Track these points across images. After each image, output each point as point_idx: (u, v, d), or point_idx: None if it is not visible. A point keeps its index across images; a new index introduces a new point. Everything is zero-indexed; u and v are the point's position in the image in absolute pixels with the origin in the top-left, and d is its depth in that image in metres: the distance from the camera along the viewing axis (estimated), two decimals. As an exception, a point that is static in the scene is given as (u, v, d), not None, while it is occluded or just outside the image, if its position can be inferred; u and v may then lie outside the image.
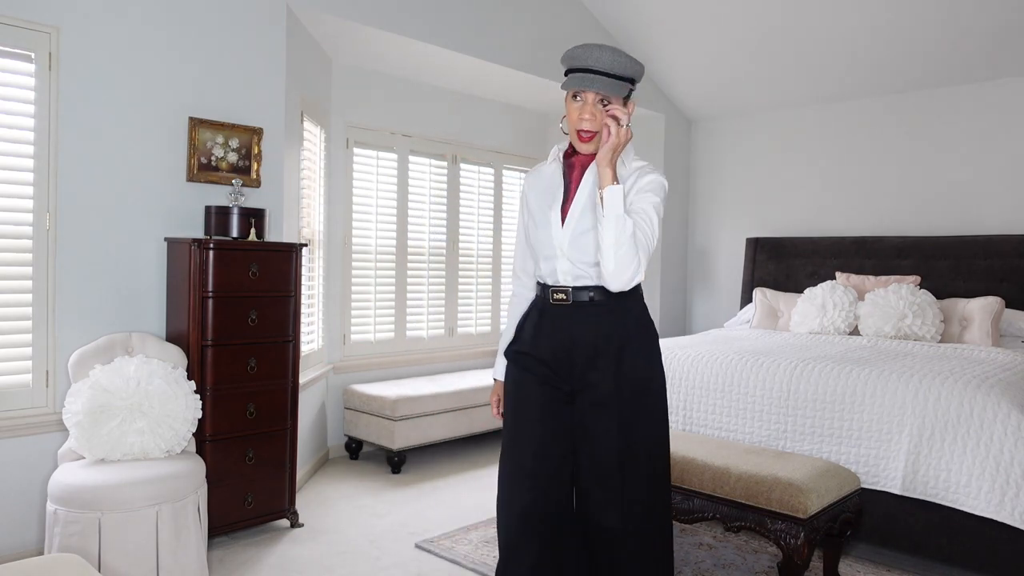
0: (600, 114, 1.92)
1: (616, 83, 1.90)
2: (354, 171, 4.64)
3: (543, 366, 2.00)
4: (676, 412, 3.61)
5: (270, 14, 3.55)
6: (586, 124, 1.93)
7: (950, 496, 2.82)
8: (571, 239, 1.96)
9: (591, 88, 1.89)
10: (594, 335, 1.95)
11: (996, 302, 4.15)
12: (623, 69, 1.90)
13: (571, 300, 1.97)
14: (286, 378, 3.28)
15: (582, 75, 1.90)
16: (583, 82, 1.89)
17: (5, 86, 2.83)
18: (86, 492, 2.50)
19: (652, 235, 1.89)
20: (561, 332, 1.98)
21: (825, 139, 5.38)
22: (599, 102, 1.92)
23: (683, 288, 6.15)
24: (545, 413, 1.99)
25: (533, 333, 2.03)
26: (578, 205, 1.98)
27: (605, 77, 1.89)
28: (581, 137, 1.95)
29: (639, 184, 1.96)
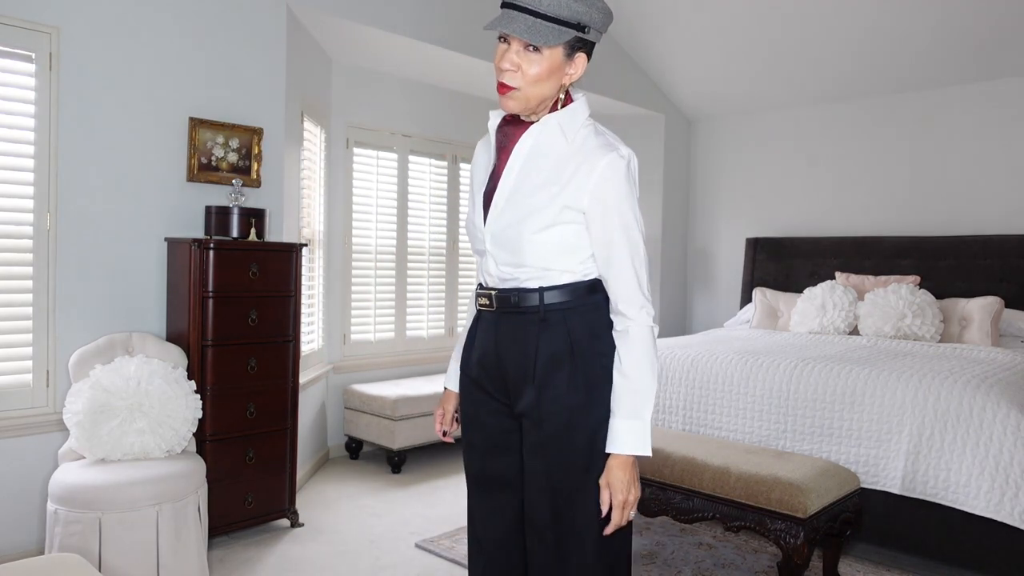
0: (527, 65, 1.44)
1: (547, 26, 1.41)
2: (354, 171, 4.64)
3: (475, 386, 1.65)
4: (676, 412, 3.62)
5: (270, 14, 3.55)
6: (506, 77, 1.46)
7: (950, 496, 2.82)
8: (493, 233, 1.54)
9: (513, 31, 1.41)
10: (518, 350, 1.54)
11: (996, 302, 4.16)
12: (557, 8, 1.40)
13: (495, 307, 1.57)
14: (286, 378, 3.28)
15: (504, 12, 1.44)
16: (504, 21, 1.42)
17: (5, 86, 2.83)
18: (86, 492, 2.50)
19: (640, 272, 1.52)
20: (488, 343, 1.59)
21: (825, 139, 5.38)
22: (528, 48, 1.44)
23: (683, 288, 6.15)
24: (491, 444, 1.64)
25: (467, 346, 1.69)
26: (503, 192, 1.54)
27: (531, 16, 1.41)
28: (499, 89, 1.49)
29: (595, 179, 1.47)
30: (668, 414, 3.63)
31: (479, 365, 1.62)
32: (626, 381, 1.50)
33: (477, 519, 1.68)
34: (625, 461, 1.49)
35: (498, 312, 1.57)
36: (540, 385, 1.52)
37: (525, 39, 1.42)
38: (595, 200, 1.48)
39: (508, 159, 1.56)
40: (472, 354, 1.65)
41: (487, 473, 1.65)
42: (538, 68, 1.46)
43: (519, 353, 1.54)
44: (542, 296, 1.52)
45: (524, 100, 1.49)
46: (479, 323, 1.64)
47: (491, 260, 1.56)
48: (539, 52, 1.45)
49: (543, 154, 1.54)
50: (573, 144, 1.52)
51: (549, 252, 1.50)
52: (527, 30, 1.41)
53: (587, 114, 1.56)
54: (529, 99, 1.49)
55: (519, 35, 1.41)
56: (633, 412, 1.48)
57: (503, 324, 1.57)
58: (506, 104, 1.50)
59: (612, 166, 1.48)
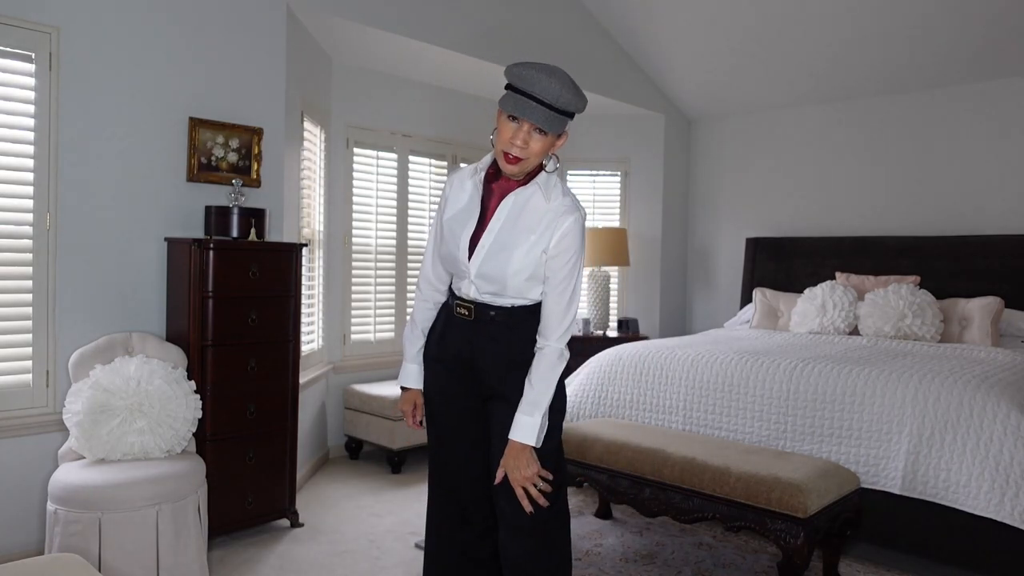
0: (534, 143, 1.83)
1: (557, 118, 1.80)
2: (354, 171, 4.64)
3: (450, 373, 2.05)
4: (676, 412, 3.61)
5: (270, 14, 3.55)
6: (516, 150, 1.83)
7: (950, 496, 2.82)
8: (478, 271, 1.92)
9: (531, 119, 1.78)
10: (492, 351, 1.97)
11: (996, 302, 4.16)
12: (567, 104, 1.79)
13: (473, 316, 1.97)
14: (286, 378, 3.28)
15: (525, 101, 1.78)
16: (524, 110, 1.78)
17: (5, 86, 2.83)
18: (86, 492, 2.50)
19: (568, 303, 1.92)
20: (462, 342, 2.00)
21: (825, 139, 5.38)
22: (536, 131, 1.82)
23: (683, 288, 6.15)
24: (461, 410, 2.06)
25: (439, 338, 2.06)
26: (487, 240, 1.92)
27: (548, 110, 1.78)
28: (507, 159, 1.85)
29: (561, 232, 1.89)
30: (668, 414, 3.63)
31: (455, 358, 2.02)
32: (531, 387, 1.90)
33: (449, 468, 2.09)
34: (519, 447, 1.89)
35: (475, 320, 1.97)
36: (513, 370, 1.95)
37: (545, 128, 1.79)
38: (558, 247, 1.90)
39: (495, 210, 1.94)
40: (446, 349, 2.03)
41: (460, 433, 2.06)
42: (541, 146, 1.84)
43: (495, 349, 1.97)
44: (513, 311, 1.96)
45: (524, 168, 1.88)
46: (450, 324, 2.04)
47: (472, 286, 1.94)
48: (545, 136, 1.83)
49: (526, 209, 1.93)
50: (550, 203, 1.92)
51: (523, 284, 1.92)
52: (545, 121, 1.79)
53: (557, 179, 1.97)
54: (528, 167, 1.88)
55: (540, 124, 1.78)
56: (529, 411, 1.89)
57: (479, 327, 1.97)
58: (511, 170, 1.87)
59: (575, 224, 1.91)
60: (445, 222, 2.01)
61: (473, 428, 2.05)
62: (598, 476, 3.07)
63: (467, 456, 2.07)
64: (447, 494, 2.11)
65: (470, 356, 1.99)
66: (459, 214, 1.99)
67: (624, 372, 3.85)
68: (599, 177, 5.98)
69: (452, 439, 2.08)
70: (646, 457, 2.91)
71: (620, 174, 5.97)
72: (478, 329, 1.97)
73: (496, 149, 1.88)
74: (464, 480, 2.08)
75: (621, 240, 5.55)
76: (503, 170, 1.89)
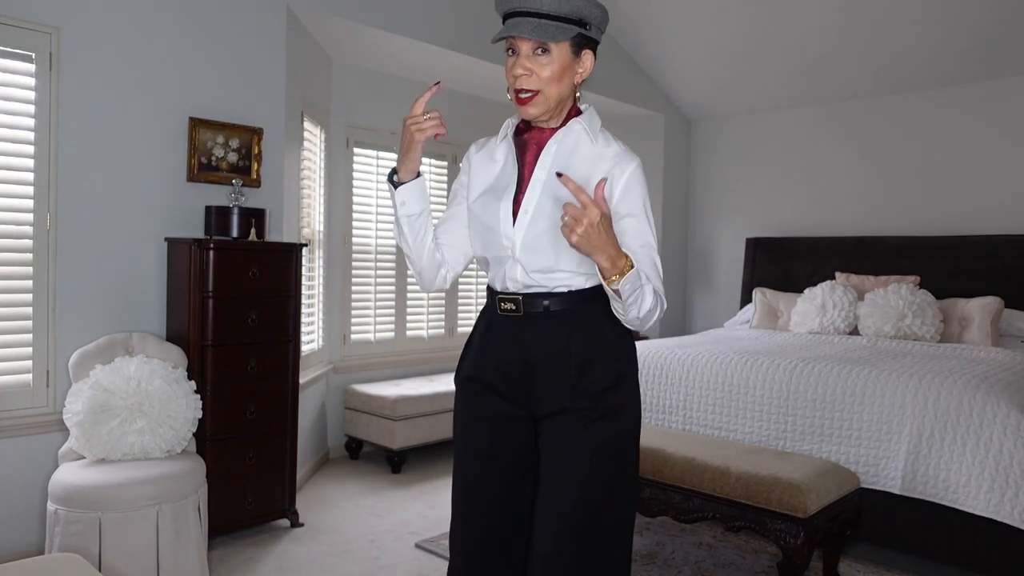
0: (541, 68, 1.50)
1: (552, 25, 1.48)
2: (354, 171, 4.64)
3: (490, 392, 1.62)
4: (676, 412, 3.61)
5: (270, 14, 3.55)
6: (523, 81, 1.51)
7: (950, 496, 2.82)
8: (524, 241, 1.55)
9: (520, 34, 1.48)
10: (549, 351, 1.55)
11: (996, 302, 4.16)
12: (557, 6, 1.48)
13: (522, 311, 1.57)
14: (286, 378, 3.28)
15: (510, 21, 1.51)
16: (509, 28, 1.50)
17: (5, 86, 2.83)
18: (86, 492, 2.50)
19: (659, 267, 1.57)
20: (510, 348, 1.59)
21: (825, 139, 5.38)
22: (537, 51, 1.51)
23: (683, 288, 6.15)
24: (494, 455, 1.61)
25: (478, 350, 1.65)
26: (532, 198, 1.56)
27: (535, 18, 1.48)
28: (520, 99, 1.54)
29: (625, 181, 1.56)
30: (668, 414, 3.63)
31: (497, 370, 1.60)
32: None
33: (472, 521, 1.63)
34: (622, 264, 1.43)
35: (524, 316, 1.57)
36: (574, 383, 1.54)
37: (535, 37, 1.48)
38: (625, 200, 1.56)
39: (534, 166, 1.60)
40: (485, 359, 1.62)
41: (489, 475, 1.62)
42: (551, 68, 1.52)
43: (552, 355, 1.55)
44: (570, 298, 1.56)
45: (544, 102, 1.54)
46: (491, 331, 1.62)
47: (518, 267, 1.56)
48: (548, 54, 1.51)
49: (574, 156, 1.59)
50: (598, 146, 1.59)
51: (581, 256, 1.50)
52: (534, 29, 1.48)
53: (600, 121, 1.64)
54: (549, 100, 1.54)
55: (527, 35, 1.47)
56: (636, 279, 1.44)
57: (532, 324, 1.57)
58: (528, 111, 1.55)
59: (638, 171, 1.58)
60: (474, 204, 1.65)
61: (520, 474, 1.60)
62: (598, 476, 3.06)
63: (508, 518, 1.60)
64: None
65: (522, 360, 1.57)
66: (492, 182, 1.64)
67: (624, 372, 3.84)
68: (599, 177, 5.97)
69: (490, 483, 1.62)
70: (646, 457, 2.91)
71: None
72: (530, 326, 1.57)
73: (511, 98, 1.57)
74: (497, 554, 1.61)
75: (621, 240, 5.54)
76: (522, 115, 1.58)
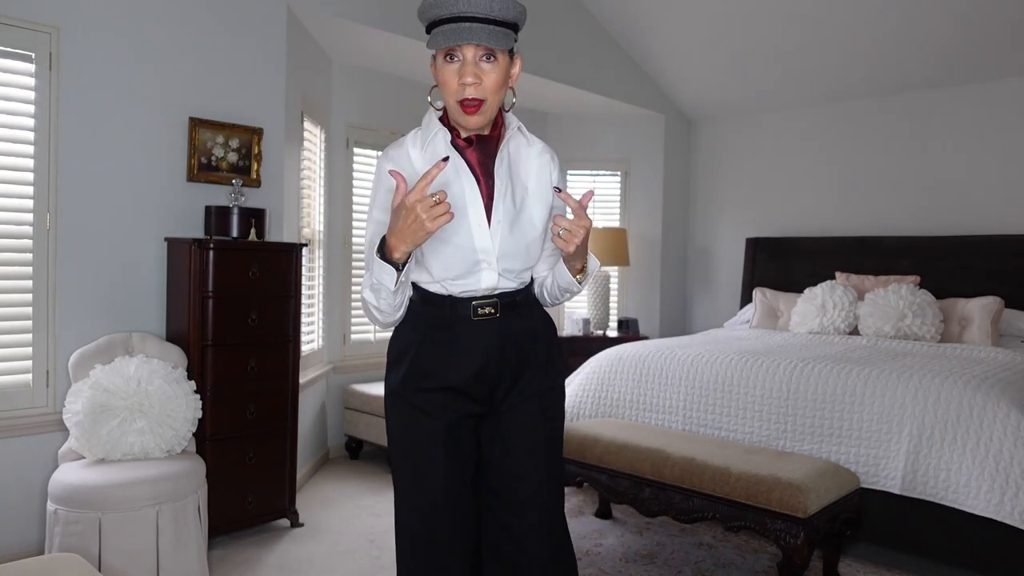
0: (488, 76, 1.48)
1: (502, 32, 1.47)
2: (354, 171, 4.64)
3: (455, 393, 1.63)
4: (676, 412, 3.61)
5: (270, 14, 3.55)
6: (471, 91, 1.48)
7: (950, 496, 2.82)
8: (502, 250, 1.57)
9: (472, 41, 1.44)
10: (522, 344, 1.65)
11: (996, 302, 4.16)
12: (505, 11, 1.46)
13: (499, 312, 1.61)
14: (286, 378, 3.28)
15: (455, 26, 1.45)
16: (458, 35, 1.44)
17: (5, 86, 2.83)
18: (86, 492, 2.50)
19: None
20: (488, 351, 1.61)
21: (825, 139, 5.38)
22: (482, 58, 1.48)
23: (683, 288, 6.15)
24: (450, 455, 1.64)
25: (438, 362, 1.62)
26: (500, 208, 1.58)
27: (488, 24, 1.45)
28: (466, 108, 1.49)
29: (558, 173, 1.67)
30: (668, 414, 3.63)
31: (471, 378, 1.61)
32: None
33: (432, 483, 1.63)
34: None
35: (502, 316, 1.62)
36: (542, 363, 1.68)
37: (490, 44, 1.45)
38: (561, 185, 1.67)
39: (486, 175, 1.59)
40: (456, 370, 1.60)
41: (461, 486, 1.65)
42: (496, 75, 1.50)
43: (524, 345, 1.65)
44: (529, 290, 1.70)
45: (489, 111, 1.53)
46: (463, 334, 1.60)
47: (492, 274, 1.58)
48: (494, 61, 1.49)
49: (520, 163, 1.64)
50: (534, 146, 1.67)
51: (540, 244, 1.66)
52: (490, 37, 1.45)
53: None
54: (492, 109, 1.53)
55: (482, 41, 1.44)
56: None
57: (508, 322, 1.63)
58: (474, 121, 1.52)
59: (556, 157, 1.69)
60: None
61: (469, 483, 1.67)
62: (598, 476, 3.07)
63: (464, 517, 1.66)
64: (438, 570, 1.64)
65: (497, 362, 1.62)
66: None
67: (624, 372, 3.85)
68: (599, 177, 5.98)
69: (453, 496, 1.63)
70: (646, 457, 2.91)
71: (620, 174, 5.96)
72: (507, 325, 1.62)
73: (448, 106, 1.53)
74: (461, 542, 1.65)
75: (621, 240, 5.55)
76: (464, 125, 1.54)
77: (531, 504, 1.64)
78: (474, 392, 1.63)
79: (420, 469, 1.63)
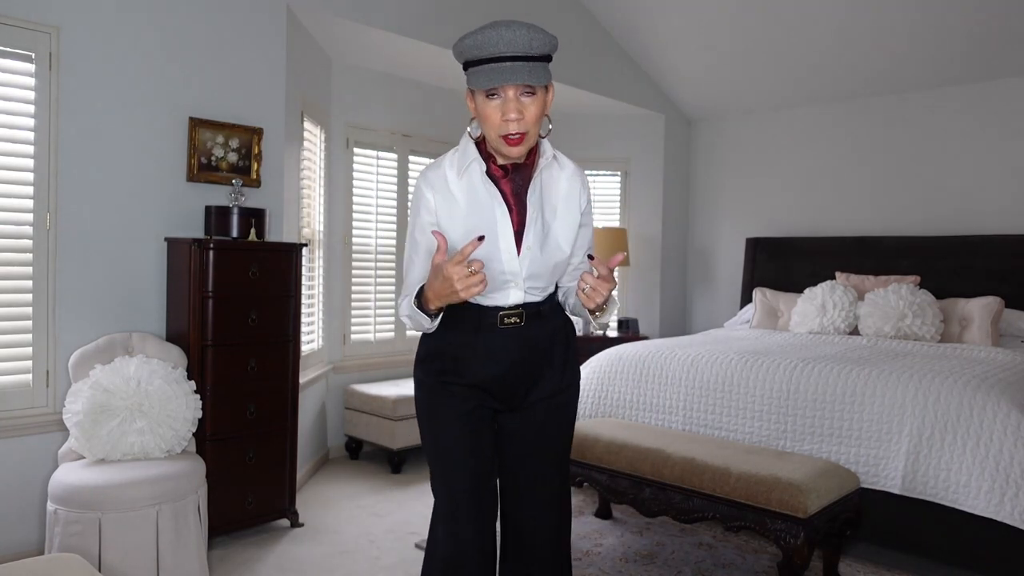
0: (528, 109, 1.56)
1: (540, 67, 1.56)
2: (354, 171, 4.64)
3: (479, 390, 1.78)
4: (676, 412, 3.61)
5: (270, 14, 3.55)
6: (514, 126, 1.57)
7: (950, 496, 2.82)
8: (529, 271, 1.70)
9: (515, 82, 1.53)
10: (543, 349, 1.79)
11: (996, 302, 4.16)
12: (542, 46, 1.54)
13: (524, 321, 1.75)
14: (286, 378, 3.28)
15: (496, 66, 1.53)
16: (501, 75, 1.53)
17: (5, 86, 2.83)
18: (86, 492, 2.50)
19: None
20: (513, 353, 1.74)
21: (825, 139, 5.38)
22: (524, 94, 1.57)
23: (683, 288, 6.15)
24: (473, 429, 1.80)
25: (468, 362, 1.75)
26: (531, 234, 1.69)
27: (527, 62, 1.53)
28: (509, 141, 1.59)
29: (588, 196, 1.80)
30: (668, 414, 3.63)
31: (497, 378, 1.74)
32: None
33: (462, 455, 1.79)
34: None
35: (526, 324, 1.75)
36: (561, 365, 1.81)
37: (532, 83, 1.55)
38: (587, 213, 1.81)
39: (519, 202, 1.70)
40: (489, 369, 1.73)
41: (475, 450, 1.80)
42: (535, 108, 1.59)
43: (546, 349, 1.78)
44: (553, 299, 1.83)
45: (529, 141, 1.62)
46: (489, 340, 1.72)
47: (519, 291, 1.72)
48: (534, 95, 1.58)
49: (551, 189, 1.74)
50: (565, 169, 1.76)
51: (567, 263, 1.79)
52: (531, 75, 1.54)
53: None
54: (533, 138, 1.63)
55: (524, 81, 1.54)
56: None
57: (531, 329, 1.76)
58: (517, 151, 1.62)
59: (585, 179, 1.80)
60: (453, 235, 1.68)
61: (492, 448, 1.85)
62: (598, 476, 3.07)
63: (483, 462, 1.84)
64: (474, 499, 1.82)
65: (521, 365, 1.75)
66: (476, 226, 1.67)
67: (624, 372, 3.85)
68: (599, 177, 5.98)
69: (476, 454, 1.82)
70: (646, 457, 2.91)
71: (620, 174, 5.97)
72: (530, 331, 1.76)
73: (489, 138, 1.64)
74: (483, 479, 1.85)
75: (621, 240, 5.55)
76: (507, 155, 1.64)
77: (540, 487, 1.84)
78: (496, 391, 1.77)
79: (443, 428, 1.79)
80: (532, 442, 1.84)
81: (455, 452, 1.79)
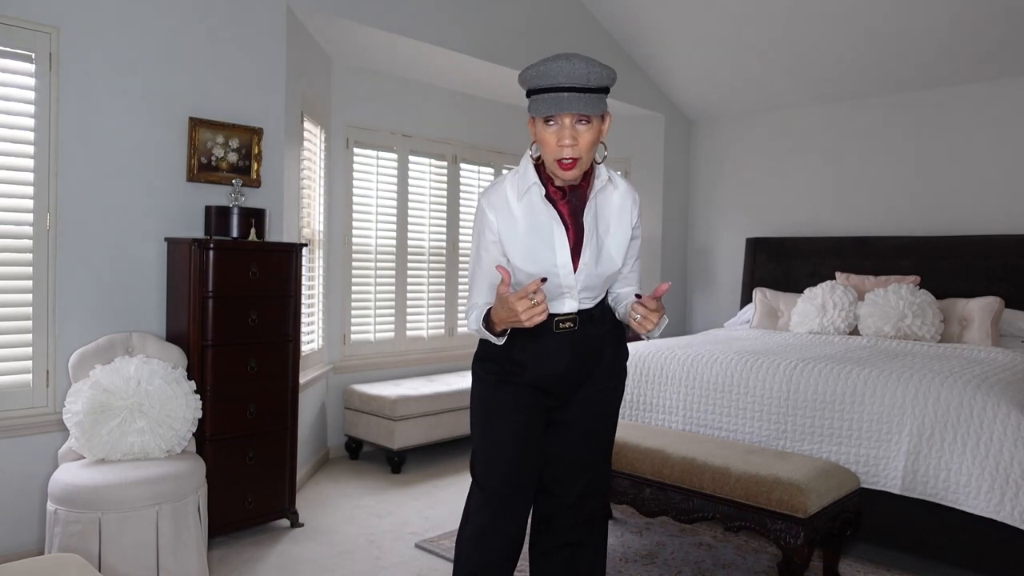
0: (583, 137, 1.70)
1: (596, 98, 1.69)
2: (354, 171, 4.64)
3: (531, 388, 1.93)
4: (676, 412, 3.61)
5: (270, 14, 3.55)
6: (568, 152, 1.71)
7: (950, 496, 2.82)
8: (583, 284, 1.84)
9: (571, 111, 1.67)
10: (596, 348, 1.94)
11: (996, 302, 4.16)
12: (600, 79, 1.68)
13: (577, 325, 1.89)
14: (286, 378, 3.28)
15: (555, 96, 1.67)
16: (559, 105, 1.66)
17: (5, 86, 2.83)
18: (86, 492, 2.50)
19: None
20: (569, 356, 1.90)
21: (825, 139, 5.38)
22: (579, 122, 1.70)
23: (683, 288, 6.15)
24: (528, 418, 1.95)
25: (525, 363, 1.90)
26: (587, 251, 1.83)
27: (583, 94, 1.67)
28: (563, 165, 1.73)
29: (639, 211, 1.95)
30: (668, 414, 3.63)
31: (553, 377, 1.89)
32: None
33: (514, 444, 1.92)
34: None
35: (580, 328, 1.89)
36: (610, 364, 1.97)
37: (587, 113, 1.68)
38: (638, 227, 1.95)
39: (576, 221, 1.83)
40: (545, 369, 1.89)
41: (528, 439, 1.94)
42: (590, 136, 1.72)
43: (597, 349, 1.93)
44: (604, 304, 1.98)
45: (582, 167, 1.76)
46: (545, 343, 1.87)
47: (573, 301, 1.86)
48: (589, 123, 1.71)
49: (607, 208, 1.88)
50: (618, 188, 1.90)
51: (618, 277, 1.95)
52: (586, 105, 1.67)
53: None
54: (586, 163, 1.77)
55: (579, 111, 1.66)
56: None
57: (585, 332, 1.90)
58: (571, 175, 1.76)
59: (637, 201, 1.94)
60: (515, 260, 1.83)
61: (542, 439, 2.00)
62: (598, 476, 3.07)
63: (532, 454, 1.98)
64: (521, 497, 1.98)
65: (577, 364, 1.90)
66: (529, 232, 1.82)
67: (624, 372, 3.84)
68: (599, 177, 5.98)
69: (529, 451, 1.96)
70: (646, 457, 2.91)
71: (620, 174, 5.96)
72: (584, 334, 1.90)
73: (546, 160, 1.77)
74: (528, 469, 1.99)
75: (621, 240, 5.54)
76: (561, 178, 1.78)
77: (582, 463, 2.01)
78: (552, 388, 1.92)
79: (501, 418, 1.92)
80: (581, 429, 1.99)
81: (508, 441, 1.92)
